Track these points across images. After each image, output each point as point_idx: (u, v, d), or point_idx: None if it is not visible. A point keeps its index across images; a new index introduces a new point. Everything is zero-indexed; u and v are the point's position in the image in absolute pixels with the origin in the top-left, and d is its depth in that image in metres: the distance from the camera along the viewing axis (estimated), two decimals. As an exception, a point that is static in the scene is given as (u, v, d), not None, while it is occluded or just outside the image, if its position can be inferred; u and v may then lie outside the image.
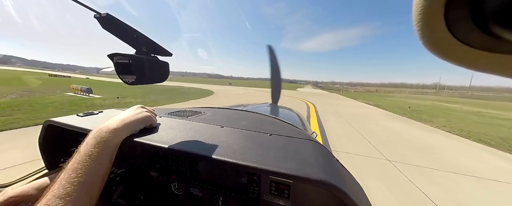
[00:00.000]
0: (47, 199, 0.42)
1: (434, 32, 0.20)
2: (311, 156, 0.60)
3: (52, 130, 0.87)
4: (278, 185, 0.62)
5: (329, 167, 0.55)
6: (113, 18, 0.52)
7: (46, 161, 0.92)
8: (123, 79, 0.58)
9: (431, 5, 0.19)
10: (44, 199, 0.42)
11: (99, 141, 0.53)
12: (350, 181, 0.58)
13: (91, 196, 0.48)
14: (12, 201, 0.63)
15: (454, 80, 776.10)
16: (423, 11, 0.20)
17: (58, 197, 0.42)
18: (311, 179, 0.47)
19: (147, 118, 0.72)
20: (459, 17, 0.18)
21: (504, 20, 0.15)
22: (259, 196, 0.66)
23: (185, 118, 1.01)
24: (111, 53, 0.56)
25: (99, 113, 1.00)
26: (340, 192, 0.45)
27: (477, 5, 0.17)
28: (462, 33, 0.19)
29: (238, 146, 0.65)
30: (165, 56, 0.67)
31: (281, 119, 1.23)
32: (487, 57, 0.20)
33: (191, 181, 0.75)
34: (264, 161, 0.54)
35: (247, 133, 0.81)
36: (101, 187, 0.52)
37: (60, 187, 0.44)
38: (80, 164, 0.48)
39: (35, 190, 0.68)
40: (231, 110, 1.43)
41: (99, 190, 0.51)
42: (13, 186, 0.87)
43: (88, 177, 0.48)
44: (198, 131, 0.80)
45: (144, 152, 0.83)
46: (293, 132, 0.89)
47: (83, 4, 0.48)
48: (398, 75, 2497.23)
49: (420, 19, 0.20)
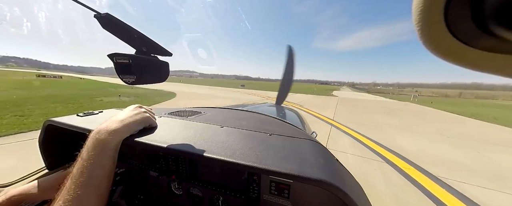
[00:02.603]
0: (59, 205, 0.43)
1: (434, 32, 0.20)
2: (311, 156, 0.60)
3: (52, 130, 0.87)
4: (278, 185, 0.62)
5: (329, 167, 0.55)
6: (113, 18, 0.52)
7: (46, 161, 0.92)
8: (123, 79, 0.58)
9: (431, 5, 0.19)
10: (56, 204, 0.44)
11: (99, 143, 0.53)
12: (350, 181, 0.58)
13: (101, 196, 0.50)
14: (13, 200, 0.63)
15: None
16: (423, 11, 0.20)
17: (71, 200, 0.44)
18: (311, 179, 0.47)
19: (146, 119, 0.72)
20: (459, 17, 0.18)
21: (504, 20, 0.15)
22: (259, 196, 0.66)
23: (185, 118, 1.01)
24: (111, 53, 0.56)
25: (99, 113, 1.00)
26: (340, 192, 0.45)
27: (477, 5, 0.16)
28: (462, 33, 0.19)
29: (238, 146, 0.65)
30: (165, 56, 0.67)
31: (281, 119, 1.23)
32: (488, 57, 0.20)
33: (191, 181, 0.75)
34: (264, 161, 0.54)
35: (247, 132, 0.81)
36: (109, 186, 0.53)
37: (70, 191, 0.45)
38: (85, 168, 0.49)
39: (36, 189, 0.68)
40: (231, 110, 1.43)
41: (107, 189, 0.52)
42: (14, 186, 0.87)
43: (95, 179, 0.49)
44: (198, 130, 0.80)
45: (144, 152, 0.83)
46: (293, 131, 0.89)
47: (83, 4, 0.48)
48: (459, 73, 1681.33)
49: (420, 19, 0.20)
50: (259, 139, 0.73)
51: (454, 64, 0.22)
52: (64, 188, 0.47)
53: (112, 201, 0.77)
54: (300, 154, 0.61)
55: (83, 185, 0.47)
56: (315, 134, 1.72)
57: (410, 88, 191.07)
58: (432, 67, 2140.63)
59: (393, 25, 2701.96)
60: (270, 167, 0.52)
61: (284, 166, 0.52)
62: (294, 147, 0.67)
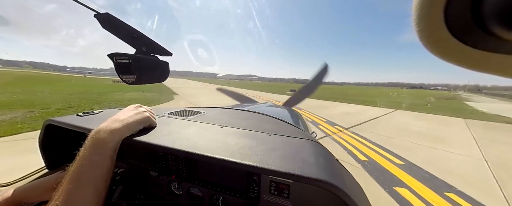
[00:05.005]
0: (56, 204, 0.43)
1: (434, 32, 0.20)
2: (311, 155, 0.60)
3: (52, 130, 0.87)
4: (278, 184, 0.62)
5: (329, 167, 0.55)
6: (113, 17, 0.52)
7: (46, 161, 0.92)
8: (123, 79, 0.58)
9: (431, 5, 0.19)
10: (53, 204, 0.43)
11: (98, 143, 0.53)
12: (350, 181, 0.58)
13: (98, 197, 0.50)
14: (12, 200, 0.63)
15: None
16: (423, 11, 0.20)
17: (67, 200, 0.44)
18: (311, 179, 0.47)
19: (146, 119, 0.72)
20: (459, 17, 0.18)
21: (504, 20, 0.15)
22: (259, 196, 0.66)
23: (185, 118, 1.01)
24: (111, 53, 0.56)
25: (99, 113, 1.00)
26: (340, 192, 0.45)
27: (477, 5, 0.16)
28: (462, 33, 0.19)
29: (238, 146, 0.65)
30: (165, 56, 0.67)
31: (281, 119, 1.23)
32: (488, 57, 0.20)
33: (191, 181, 0.75)
34: (263, 161, 0.54)
35: (247, 132, 0.81)
36: (107, 187, 0.53)
37: (67, 191, 0.45)
38: (83, 167, 0.49)
39: (35, 190, 0.68)
40: (231, 110, 1.43)
41: (105, 189, 0.52)
42: (13, 186, 0.87)
43: (92, 178, 0.49)
44: (198, 130, 0.80)
45: (144, 152, 0.83)
46: (293, 131, 0.89)
47: (83, 4, 0.48)
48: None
49: (420, 19, 0.20)
50: (259, 139, 0.73)
51: (454, 65, 0.22)
52: (61, 188, 0.46)
53: (112, 201, 0.77)
54: (300, 154, 0.61)
55: (81, 185, 0.47)
56: (315, 134, 1.72)
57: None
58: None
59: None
60: (270, 167, 0.52)
61: (284, 165, 0.52)
62: (294, 146, 0.67)
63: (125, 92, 16.48)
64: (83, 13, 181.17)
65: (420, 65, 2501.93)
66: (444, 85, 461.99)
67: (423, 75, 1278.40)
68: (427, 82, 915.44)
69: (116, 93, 15.89)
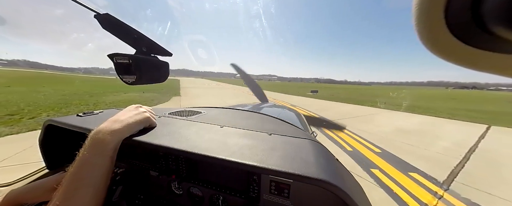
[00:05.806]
0: (56, 204, 0.43)
1: (434, 32, 0.20)
2: (311, 155, 0.60)
3: (52, 130, 0.87)
4: (278, 184, 0.62)
5: (329, 167, 0.55)
6: (113, 18, 0.52)
7: (46, 161, 0.92)
8: (123, 79, 0.58)
9: (431, 5, 0.19)
10: (53, 204, 0.43)
11: (98, 143, 0.53)
12: (350, 180, 0.58)
13: (98, 196, 0.50)
14: (13, 200, 0.63)
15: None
16: (423, 11, 0.20)
17: (67, 200, 0.44)
18: (312, 178, 0.47)
19: (146, 119, 0.71)
20: (460, 16, 0.18)
21: (504, 20, 0.15)
22: (259, 196, 0.66)
23: (185, 118, 1.01)
24: (111, 53, 0.56)
25: (99, 113, 1.00)
26: (340, 192, 0.45)
27: (477, 4, 0.16)
28: (462, 33, 0.19)
29: (238, 146, 0.65)
30: (165, 56, 0.67)
31: (281, 119, 1.23)
32: (488, 57, 0.20)
33: (191, 181, 0.75)
34: (264, 160, 0.54)
35: (247, 132, 0.81)
36: (106, 187, 0.53)
37: (67, 191, 0.45)
38: (83, 167, 0.49)
39: (35, 189, 0.68)
40: (231, 110, 1.43)
41: (104, 190, 0.52)
42: (13, 186, 0.87)
43: (92, 178, 0.49)
44: (198, 130, 0.80)
45: (144, 152, 0.83)
46: (293, 131, 0.89)
47: (82, 4, 0.48)
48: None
49: (420, 19, 0.20)
50: (259, 139, 0.73)
51: (454, 64, 0.22)
52: (61, 188, 0.47)
53: (112, 201, 0.77)
54: (300, 154, 0.61)
55: (81, 185, 0.47)
56: (315, 134, 1.72)
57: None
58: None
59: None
60: (270, 167, 0.52)
61: (284, 165, 0.52)
62: (294, 146, 0.67)
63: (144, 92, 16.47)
64: (83, 13, 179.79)
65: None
66: (510, 85, 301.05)
67: (478, 73, 19.89)
68: (483, 81, 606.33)
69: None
